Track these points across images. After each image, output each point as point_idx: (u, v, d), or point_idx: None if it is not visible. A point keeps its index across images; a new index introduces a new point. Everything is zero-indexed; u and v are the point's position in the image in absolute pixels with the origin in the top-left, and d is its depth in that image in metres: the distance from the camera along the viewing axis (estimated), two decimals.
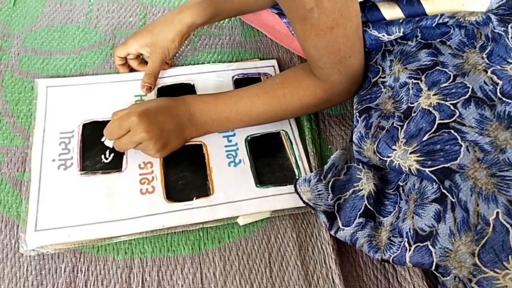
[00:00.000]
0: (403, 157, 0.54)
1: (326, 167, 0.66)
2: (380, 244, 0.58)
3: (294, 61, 0.86)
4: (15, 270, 0.59)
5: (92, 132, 0.71)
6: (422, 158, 0.52)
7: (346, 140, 0.76)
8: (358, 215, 0.60)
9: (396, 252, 0.56)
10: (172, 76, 0.80)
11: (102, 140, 0.67)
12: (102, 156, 0.69)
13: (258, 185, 0.68)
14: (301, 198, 0.64)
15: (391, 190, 0.63)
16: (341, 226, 0.61)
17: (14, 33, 0.85)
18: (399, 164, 0.55)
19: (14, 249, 0.60)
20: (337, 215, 0.62)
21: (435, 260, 0.51)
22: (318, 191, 0.63)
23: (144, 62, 0.81)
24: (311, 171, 0.70)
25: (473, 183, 0.48)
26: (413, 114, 0.56)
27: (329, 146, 0.75)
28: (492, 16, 0.57)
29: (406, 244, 0.54)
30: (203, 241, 0.64)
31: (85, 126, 0.71)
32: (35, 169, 0.65)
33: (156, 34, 0.76)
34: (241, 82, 0.81)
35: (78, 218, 0.61)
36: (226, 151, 0.71)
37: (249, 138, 0.73)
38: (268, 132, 0.75)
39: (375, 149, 0.59)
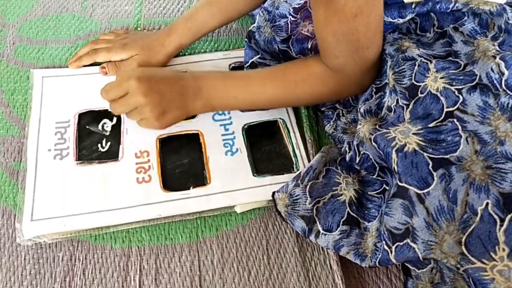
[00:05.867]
0: (404, 134, 0.53)
1: (302, 171, 0.65)
2: (367, 251, 0.57)
3: None
4: (12, 259, 0.59)
5: (88, 122, 0.71)
6: (424, 144, 0.51)
7: None
8: (341, 222, 0.60)
9: (379, 256, 0.55)
10: (168, 66, 0.79)
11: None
12: (99, 145, 0.68)
13: (255, 174, 0.68)
14: (276, 207, 0.63)
15: (375, 193, 0.62)
16: (321, 231, 0.60)
17: (9, 22, 0.84)
18: (395, 137, 0.53)
19: (12, 238, 0.60)
20: (316, 219, 0.60)
21: (420, 255, 0.50)
22: (296, 195, 0.62)
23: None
24: (309, 159, 0.70)
25: (467, 174, 0.48)
26: (420, 95, 0.54)
27: (327, 134, 0.75)
28: (508, 8, 0.56)
29: (386, 247, 0.53)
30: (201, 229, 0.64)
31: (81, 116, 0.71)
32: (31, 159, 0.65)
33: (147, 53, 0.76)
34: (238, 70, 0.80)
35: (74, 208, 0.61)
36: (223, 140, 0.71)
37: (246, 126, 0.73)
38: (265, 120, 0.74)
39: (377, 126, 0.58)
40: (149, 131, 0.69)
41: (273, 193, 0.64)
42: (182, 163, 0.68)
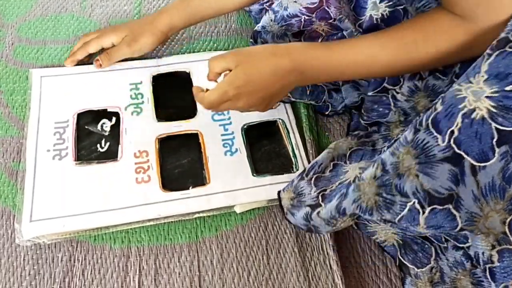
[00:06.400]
0: (476, 96, 0.45)
1: (308, 166, 0.64)
2: (369, 203, 0.52)
3: None
4: (12, 260, 0.59)
5: (87, 122, 0.70)
6: (495, 111, 0.44)
7: (344, 127, 0.76)
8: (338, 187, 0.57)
9: (401, 213, 0.49)
10: (167, 65, 0.79)
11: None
12: (98, 145, 0.68)
13: (254, 174, 0.67)
14: (280, 203, 0.62)
15: (369, 162, 0.59)
16: (323, 205, 0.57)
17: (8, 23, 0.84)
18: (465, 98, 0.46)
19: (11, 239, 0.60)
20: (322, 204, 0.57)
21: (460, 224, 0.46)
22: (301, 187, 0.61)
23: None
24: (308, 159, 0.70)
25: None
26: (508, 49, 0.45)
27: (327, 133, 0.75)
28: None
29: (418, 206, 0.48)
30: (200, 229, 0.64)
31: (80, 116, 0.71)
32: (30, 160, 0.65)
33: (136, 31, 0.75)
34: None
35: (73, 208, 0.61)
36: (223, 140, 0.71)
37: (245, 126, 0.73)
38: (265, 120, 0.74)
39: None
40: (148, 132, 0.69)
41: (278, 192, 0.63)
42: (181, 163, 0.68)
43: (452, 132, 0.45)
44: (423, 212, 0.47)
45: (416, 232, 0.56)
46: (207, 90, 0.61)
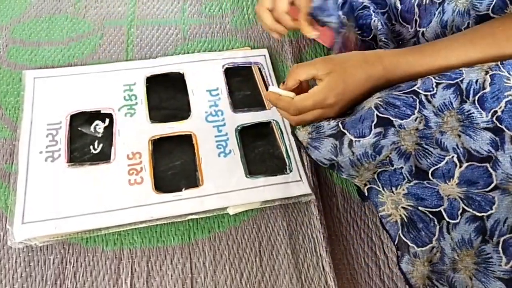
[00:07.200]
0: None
1: None
2: (409, 148, 0.54)
3: (285, 49, 0.85)
4: (4, 262, 0.59)
5: (80, 123, 0.70)
6: None
7: None
8: (373, 126, 0.55)
9: (438, 164, 0.52)
10: (161, 66, 0.79)
11: (273, 90, 0.62)
12: (91, 147, 0.68)
13: (248, 176, 0.67)
14: (297, 140, 0.60)
15: (401, 92, 0.56)
16: (354, 139, 0.55)
17: (2, 24, 0.84)
18: None
19: (3, 241, 0.60)
20: (345, 130, 0.56)
21: (495, 181, 0.49)
22: (318, 124, 0.59)
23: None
24: (302, 161, 0.70)
25: None
26: None
27: None
28: None
29: (456, 160, 0.51)
30: (193, 231, 0.63)
31: (73, 117, 0.70)
32: (22, 161, 0.65)
33: None
34: (231, 72, 0.80)
35: (65, 210, 0.61)
36: (216, 141, 0.70)
37: (239, 127, 0.72)
38: (259, 121, 0.74)
39: None
40: (141, 133, 0.69)
41: (293, 131, 0.61)
42: (174, 165, 0.68)
43: (495, 112, 0.50)
44: (460, 166, 0.51)
45: (436, 203, 0.56)
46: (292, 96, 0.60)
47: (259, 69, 0.81)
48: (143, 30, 0.86)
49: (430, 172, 0.53)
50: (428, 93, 0.54)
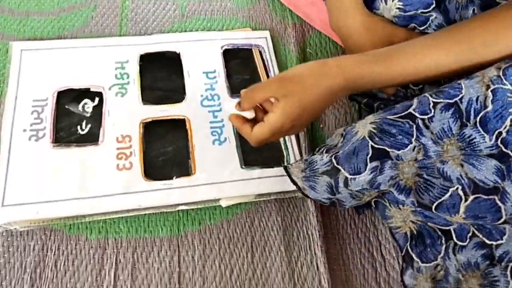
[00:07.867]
0: None
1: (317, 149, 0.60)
2: (408, 182, 0.50)
3: (289, 32, 0.80)
4: None
5: (68, 101, 0.66)
6: None
7: (339, 119, 0.72)
8: (368, 159, 0.51)
9: (442, 197, 0.48)
10: (156, 43, 0.74)
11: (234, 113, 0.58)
12: (78, 127, 0.64)
13: (243, 166, 0.64)
14: (290, 178, 0.57)
15: (396, 116, 0.52)
16: (349, 176, 0.51)
17: None
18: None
19: None
20: (339, 166, 0.52)
21: (504, 217, 0.46)
22: (311, 158, 0.56)
23: None
24: (300, 152, 0.66)
25: None
26: None
27: (321, 125, 0.71)
28: None
29: (461, 192, 0.47)
30: (183, 222, 0.60)
31: (60, 94, 0.66)
32: (5, 140, 0.61)
33: None
34: (230, 53, 0.76)
35: (48, 194, 0.58)
36: (211, 127, 0.67)
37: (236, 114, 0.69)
38: None
39: None
40: (132, 115, 0.65)
41: (285, 166, 0.58)
42: (166, 151, 0.64)
43: (500, 133, 0.46)
44: (466, 200, 0.47)
45: (445, 222, 0.54)
46: (251, 120, 0.57)
47: (260, 52, 0.77)
48: (138, 4, 0.81)
49: (433, 207, 0.49)
50: (425, 116, 0.50)
